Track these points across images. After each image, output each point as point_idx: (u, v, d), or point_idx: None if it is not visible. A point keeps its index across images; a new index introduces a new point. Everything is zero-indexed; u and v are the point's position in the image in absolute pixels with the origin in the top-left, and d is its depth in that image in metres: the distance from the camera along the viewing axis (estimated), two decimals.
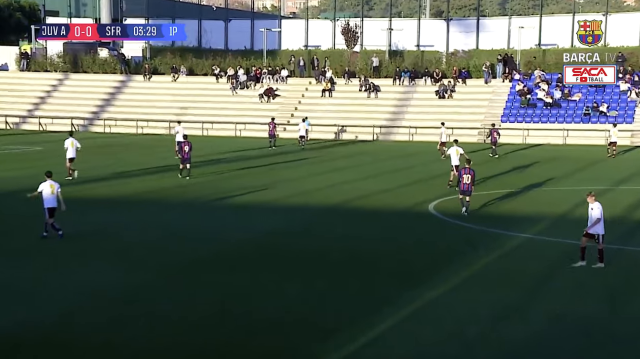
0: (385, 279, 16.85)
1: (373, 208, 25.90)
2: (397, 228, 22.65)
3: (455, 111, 56.45)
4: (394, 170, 36.39)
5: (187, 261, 18.17)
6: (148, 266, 17.65)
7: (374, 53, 63.71)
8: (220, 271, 17.34)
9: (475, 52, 63.46)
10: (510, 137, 53.15)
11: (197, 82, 64.55)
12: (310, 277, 16.94)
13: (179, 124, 43.55)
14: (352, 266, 17.95)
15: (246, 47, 69.71)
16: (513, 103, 55.92)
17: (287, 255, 18.94)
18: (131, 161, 38.70)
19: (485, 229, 22.32)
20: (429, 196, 27.90)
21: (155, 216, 23.94)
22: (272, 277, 16.85)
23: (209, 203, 26.60)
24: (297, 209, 25.57)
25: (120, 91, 64.67)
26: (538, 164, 39.46)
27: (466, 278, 16.88)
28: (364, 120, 55.99)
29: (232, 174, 34.02)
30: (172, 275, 16.94)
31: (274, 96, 60.81)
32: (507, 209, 25.96)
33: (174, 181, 31.56)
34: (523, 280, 16.86)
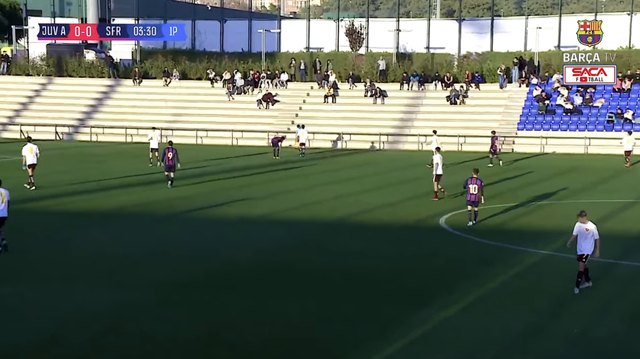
0: (392, 298, 16.72)
1: (379, 222, 25.81)
2: (405, 244, 22.54)
3: (468, 118, 56.41)
4: (401, 181, 36.29)
5: (176, 280, 18.05)
6: (134, 286, 17.53)
7: (380, 56, 63.77)
8: (213, 291, 17.21)
9: (489, 55, 63.48)
10: (527, 146, 53.10)
11: (191, 87, 64.63)
12: (311, 296, 16.82)
13: (153, 130, 44.12)
14: (356, 284, 17.83)
15: (243, 50, 69.81)
16: (530, 110, 55.86)
17: (285, 273, 18.82)
18: (118, 172, 38.64)
19: (500, 244, 22.22)
20: (439, 209, 27.81)
21: (142, 231, 23.85)
22: (269, 296, 16.72)
23: (201, 217, 26.51)
24: (297, 223, 25.49)
25: (108, 96, 64.75)
26: (557, 174, 39.35)
27: (480, 298, 16.76)
28: (370, 128, 55.94)
29: (227, 186, 33.94)
30: (160, 295, 16.81)
31: (273, 101, 60.83)
32: (524, 223, 25.85)
33: (163, 192, 31.49)
34: (540, 300, 16.73)
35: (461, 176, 37.98)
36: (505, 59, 60.86)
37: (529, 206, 29.28)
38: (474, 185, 24.86)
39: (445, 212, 27.18)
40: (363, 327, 14.78)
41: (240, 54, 68.44)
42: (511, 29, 65.83)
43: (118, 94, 64.79)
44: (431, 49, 66.53)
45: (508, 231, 24.48)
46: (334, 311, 15.79)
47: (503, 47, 64.20)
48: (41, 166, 33.96)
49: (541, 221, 26.14)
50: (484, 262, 19.95)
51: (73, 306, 15.92)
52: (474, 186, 24.85)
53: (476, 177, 25.10)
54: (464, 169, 41.97)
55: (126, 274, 18.52)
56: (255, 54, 68.02)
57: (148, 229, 24.23)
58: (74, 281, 17.82)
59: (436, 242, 22.72)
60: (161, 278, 18.12)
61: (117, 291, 17.04)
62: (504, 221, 26.02)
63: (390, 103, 59.50)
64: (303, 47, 69.10)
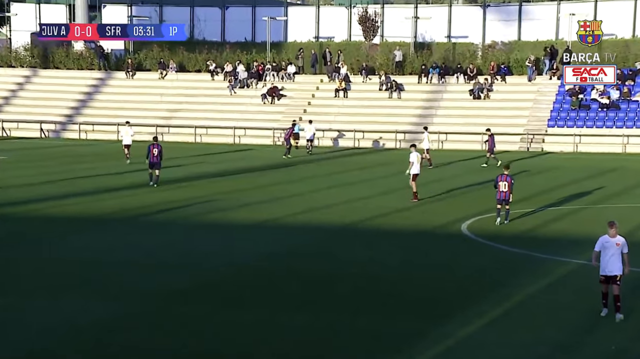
0: (409, 311, 16.72)
1: (394, 228, 25.81)
2: (423, 251, 22.54)
3: (493, 114, 56.34)
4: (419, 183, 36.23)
5: (173, 290, 18.10)
6: (128, 296, 17.57)
7: (396, 46, 63.78)
8: (213, 302, 17.25)
9: (517, 44, 63.40)
10: (558, 145, 53.02)
11: (189, 80, 64.80)
12: (320, 308, 16.83)
13: (128, 125, 44.79)
14: (370, 296, 17.83)
15: (246, 39, 69.92)
16: (562, 105, 55.77)
17: (292, 283, 18.85)
18: (108, 173, 38.73)
19: (529, 253, 22.18)
20: (461, 214, 27.80)
21: (137, 238, 23.91)
22: (274, 309, 16.74)
23: (200, 222, 26.57)
24: (305, 229, 25.53)
25: (98, 90, 65.00)
26: (592, 176, 39.26)
27: (505, 312, 16.73)
28: (385, 125, 55.96)
29: (229, 188, 34.01)
30: (156, 306, 16.85)
31: (279, 96, 60.92)
32: (556, 229, 25.81)
33: (158, 196, 31.59)
34: (573, 315, 16.69)
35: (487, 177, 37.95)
36: (535, 49, 60.79)
37: (560, 210, 29.22)
38: (504, 182, 25.75)
39: (468, 218, 27.17)
40: (377, 342, 14.76)
41: (243, 44, 68.55)
42: (541, 16, 65.70)
43: (109, 88, 65.02)
44: (452, 38, 66.48)
45: (537, 238, 24.44)
46: (347, 325, 15.79)
47: (532, 36, 64.10)
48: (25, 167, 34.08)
49: (574, 227, 26.08)
50: (510, 273, 19.91)
51: (62, 318, 15.98)
52: (504, 183, 25.75)
53: (507, 174, 25.98)
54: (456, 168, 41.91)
55: (119, 284, 18.57)
56: (259, 43, 68.13)
57: (142, 235, 24.30)
58: (63, 292, 17.89)
59: (457, 250, 22.70)
60: (157, 288, 18.17)
61: (110, 302, 17.10)
62: (532, 227, 25.98)
63: (408, 98, 59.50)
64: (312, 37, 69.16)
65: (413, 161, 30.54)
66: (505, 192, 25.71)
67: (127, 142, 43.43)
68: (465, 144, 54.04)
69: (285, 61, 63.86)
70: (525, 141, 53.51)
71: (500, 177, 26.01)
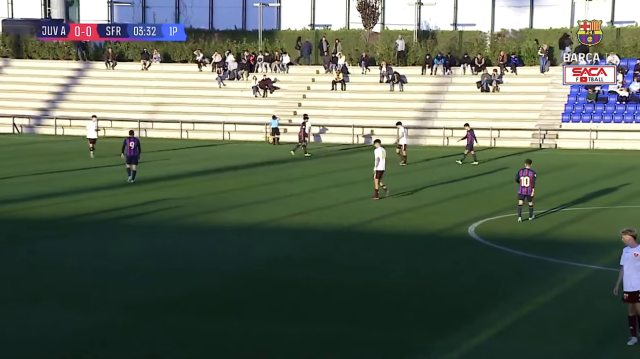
0: (413, 321, 16.74)
1: (397, 231, 25.84)
2: (428, 256, 22.57)
3: (503, 108, 56.42)
4: (423, 183, 36.29)
5: (159, 300, 18.09)
6: (110, 307, 17.56)
7: (398, 34, 63.81)
8: (202, 312, 17.24)
9: (528, 33, 63.44)
10: (573, 141, 53.10)
11: (175, 72, 64.78)
12: (319, 319, 16.84)
13: (94, 119, 46.08)
14: (371, 304, 17.85)
15: (237, 27, 69.93)
16: (577, 97, 55.85)
17: (288, 291, 18.86)
18: (86, 172, 38.70)
19: (541, 258, 22.20)
20: (469, 216, 27.83)
21: (118, 242, 23.89)
22: (269, 319, 16.75)
23: (188, 225, 26.57)
24: (302, 232, 25.53)
25: (76, 82, 64.95)
26: (610, 175, 39.31)
27: (516, 322, 16.74)
28: (386, 119, 55.95)
29: (219, 188, 34.00)
30: (140, 318, 16.85)
31: (271, 88, 60.94)
32: (571, 232, 25.85)
33: (142, 196, 31.56)
34: (589, 325, 16.70)
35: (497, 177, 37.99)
36: (548, 38, 60.84)
37: (575, 211, 29.26)
38: (526, 177, 26.65)
39: (475, 220, 27.19)
40: (381, 355, 14.77)
41: (233, 32, 68.55)
42: (555, 2, 65.77)
43: (88, 80, 64.96)
44: (459, 26, 66.54)
45: (550, 242, 24.47)
46: (347, 336, 15.80)
47: (545, 24, 64.14)
48: None
49: (590, 230, 26.11)
50: (521, 280, 19.91)
51: (36, 330, 15.96)
52: (526, 178, 26.65)
53: (528, 168, 26.83)
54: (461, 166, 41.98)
55: (99, 293, 18.55)
56: (250, 32, 68.11)
57: (125, 239, 24.27)
58: (38, 302, 17.86)
59: (465, 255, 22.72)
60: (141, 298, 18.15)
61: (89, 313, 17.07)
62: (545, 230, 26.01)
63: (411, 90, 59.52)
64: (307, 24, 69.19)
65: (378, 156, 31.00)
66: (527, 187, 26.56)
67: (92, 136, 45.03)
68: None
69: (278, 51, 63.85)
70: (538, 137, 53.54)
71: (522, 171, 26.83)
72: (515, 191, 27.43)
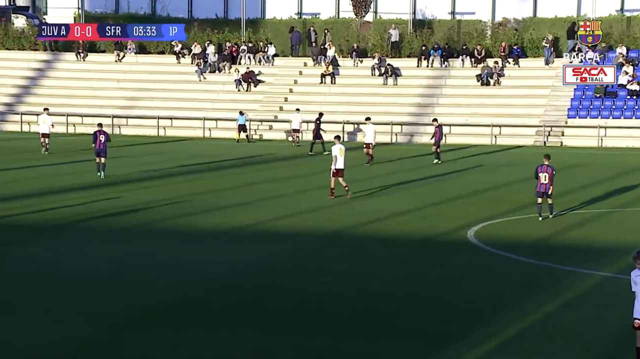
0: (410, 332, 16.75)
1: (392, 235, 25.88)
2: (424, 263, 22.59)
3: (504, 103, 56.56)
4: (418, 184, 36.35)
5: (136, 310, 18.06)
6: (83, 317, 17.53)
7: (392, 24, 63.89)
8: (182, 323, 17.22)
9: (532, 22, 63.61)
10: (580, 138, 53.26)
11: (151, 64, 64.71)
12: (308, 330, 16.85)
13: (46, 112, 46.86)
14: (364, 314, 17.86)
15: (218, 16, 69.88)
16: (585, 92, 56.04)
17: (274, 300, 18.85)
18: (57, 172, 38.60)
19: (547, 264, 22.26)
20: (467, 219, 27.90)
21: (93, 248, 23.84)
22: (255, 330, 16.74)
23: (167, 229, 26.56)
24: (289, 236, 25.55)
25: (44, 74, 64.79)
26: (620, 175, 39.43)
27: (520, 333, 16.78)
28: (379, 115, 55.98)
29: (201, 189, 33.97)
30: (116, 329, 16.82)
31: (255, 82, 60.96)
32: (578, 237, 25.93)
33: (119, 199, 31.51)
34: (598, 336, 16.76)
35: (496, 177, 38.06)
36: (553, 27, 60.98)
37: (583, 214, 29.35)
38: (545, 174, 27.41)
39: (475, 223, 27.23)
40: None
41: (213, 21, 68.52)
42: None
43: (57, 72, 64.82)
44: (457, 15, 66.69)
45: (556, 247, 24.53)
46: (338, 349, 15.81)
47: (550, 12, 64.35)
48: None
49: (599, 234, 26.17)
50: (526, 287, 19.93)
51: (1, 343, 15.92)
52: (544, 174, 27.43)
53: (547, 164, 27.64)
54: (460, 165, 42.06)
55: (71, 302, 18.51)
56: (233, 21, 68.12)
57: (99, 245, 24.22)
58: (7, 312, 17.82)
59: (464, 261, 22.74)
60: (116, 308, 18.12)
61: (59, 324, 17.03)
62: (551, 234, 26.07)
63: (405, 84, 59.60)
64: (294, 13, 69.23)
65: (336, 154, 31.24)
66: (546, 184, 27.34)
67: (45, 130, 45.82)
68: (471, 138, 54.16)
69: (263, 41, 63.83)
70: (542, 134, 53.70)
71: (541, 167, 27.56)
72: (518, 191, 27.53)
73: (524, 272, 21.62)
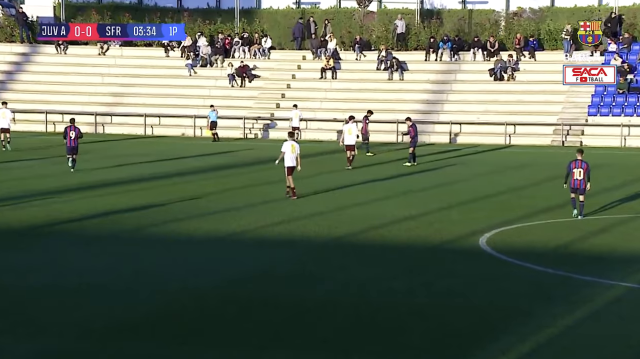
0: (413, 349, 16.72)
1: (397, 242, 25.86)
2: (432, 272, 22.56)
3: (519, 99, 56.60)
4: (426, 187, 36.32)
5: (118, 323, 18.03)
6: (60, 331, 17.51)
7: (398, 14, 63.89)
8: (168, 338, 17.19)
9: (549, 12, 63.60)
10: (601, 138, 53.24)
11: (138, 57, 64.74)
12: (306, 345, 16.82)
13: (4, 106, 47.69)
14: (367, 327, 17.82)
15: (209, 5, 69.93)
16: (606, 87, 55.99)
17: (268, 312, 18.82)
18: (34, 174, 38.58)
19: (565, 274, 22.22)
20: (478, 225, 27.89)
21: (67, 257, 23.79)
22: (248, 345, 16.72)
23: (153, 235, 26.56)
24: (286, 244, 25.52)
25: (21, 68, 64.84)
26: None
27: (535, 348, 16.73)
28: (384, 113, 56.01)
29: (189, 192, 33.97)
30: (97, 344, 16.79)
31: (250, 76, 60.97)
32: (599, 244, 25.90)
33: (99, 202, 31.51)
34: (624, 353, 16.72)
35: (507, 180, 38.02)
36: (572, 17, 60.99)
37: (604, 219, 29.33)
38: (579, 169, 28.23)
39: (487, 229, 27.21)
40: None
41: (205, 11, 68.57)
42: None
43: (34, 66, 64.86)
44: (468, 4, 66.71)
45: (575, 255, 24.50)
46: None
47: (569, 1, 64.28)
48: None
49: (621, 241, 26.14)
50: (541, 299, 19.88)
51: None
52: (579, 169, 28.24)
53: (581, 159, 28.34)
54: (471, 167, 42.00)
55: (49, 314, 18.48)
56: (226, 11, 68.16)
57: (77, 253, 24.18)
58: None
59: (475, 270, 22.70)
60: (98, 320, 18.09)
61: (36, 337, 17.00)
62: (569, 241, 26.05)
63: (412, 79, 59.62)
64: (292, 2, 69.25)
65: (284, 150, 32.13)
66: (580, 180, 28.19)
67: (4, 125, 46.84)
68: (483, 137, 54.15)
69: (258, 33, 63.84)
70: (560, 134, 53.66)
71: (575, 163, 28.36)
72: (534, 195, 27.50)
73: (540, 282, 21.55)
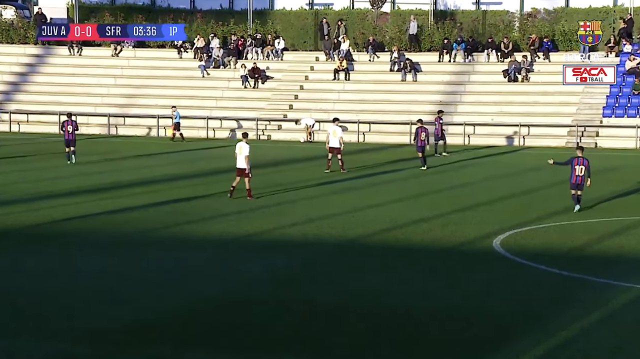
0: (431, 352, 16.60)
1: (411, 244, 25.78)
2: (446, 275, 22.48)
3: (534, 100, 56.48)
4: (440, 189, 36.26)
5: (124, 329, 17.90)
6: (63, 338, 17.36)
7: (411, 15, 63.81)
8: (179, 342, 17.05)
9: (564, 13, 63.43)
10: (617, 139, 53.08)
11: (151, 59, 64.84)
12: (316, 351, 16.69)
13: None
14: (380, 333, 17.69)
15: (222, 7, 69.98)
16: (622, 88, 55.84)
17: (282, 317, 18.71)
18: (46, 177, 38.64)
19: (582, 276, 22.13)
20: (492, 227, 27.83)
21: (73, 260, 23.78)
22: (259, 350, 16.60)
23: (160, 238, 26.51)
24: (298, 246, 25.49)
25: (35, 70, 64.97)
26: None
27: (551, 352, 16.61)
28: (397, 114, 55.94)
29: (200, 193, 33.91)
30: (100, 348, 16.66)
31: (263, 78, 60.93)
32: (615, 246, 25.78)
33: (108, 203, 31.54)
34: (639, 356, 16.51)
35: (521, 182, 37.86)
36: (587, 18, 60.78)
37: (621, 221, 29.20)
38: (581, 166, 29.30)
39: (502, 231, 27.14)
40: None
41: (218, 13, 68.66)
42: None
43: (49, 68, 64.99)
44: (482, 5, 66.65)
45: (591, 257, 24.35)
46: None
47: (584, 2, 64.13)
48: None
49: (637, 244, 26.02)
50: (557, 302, 19.79)
51: None
52: (581, 166, 29.32)
53: (582, 156, 29.51)
54: (484, 168, 41.81)
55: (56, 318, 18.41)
56: (239, 12, 68.24)
57: (87, 255, 24.15)
58: None
59: (489, 274, 22.61)
60: (105, 324, 17.98)
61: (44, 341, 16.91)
62: (585, 243, 25.94)
63: (426, 80, 59.52)
64: (305, 3, 69.24)
65: (236, 152, 32.44)
66: (581, 176, 29.35)
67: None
68: (497, 139, 54.05)
69: (271, 34, 63.83)
70: (574, 135, 53.48)
71: (577, 160, 29.41)
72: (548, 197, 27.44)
73: (556, 285, 21.47)
